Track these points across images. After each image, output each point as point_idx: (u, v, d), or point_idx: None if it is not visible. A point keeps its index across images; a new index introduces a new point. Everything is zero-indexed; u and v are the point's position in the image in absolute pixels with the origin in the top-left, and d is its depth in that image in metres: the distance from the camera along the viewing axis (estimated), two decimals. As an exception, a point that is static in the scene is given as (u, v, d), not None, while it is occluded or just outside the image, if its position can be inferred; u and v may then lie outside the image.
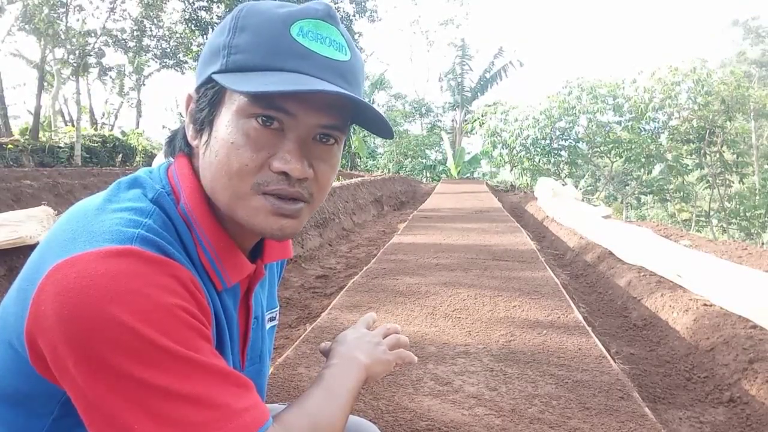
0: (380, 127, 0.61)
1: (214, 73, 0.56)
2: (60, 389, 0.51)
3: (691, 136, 14.92)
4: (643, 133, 15.49)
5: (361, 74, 0.62)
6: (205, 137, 0.58)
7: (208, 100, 0.58)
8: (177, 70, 14.93)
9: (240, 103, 0.55)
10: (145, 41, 13.56)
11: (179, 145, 0.64)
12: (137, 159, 14.30)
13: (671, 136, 15.26)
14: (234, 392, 0.51)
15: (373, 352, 0.74)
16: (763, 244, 13.14)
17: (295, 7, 0.57)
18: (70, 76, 14.04)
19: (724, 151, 15.05)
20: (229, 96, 0.56)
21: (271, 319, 0.79)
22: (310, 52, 0.55)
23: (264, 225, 0.57)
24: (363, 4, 14.90)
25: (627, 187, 16.66)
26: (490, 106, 18.92)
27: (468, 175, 20.75)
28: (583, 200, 9.60)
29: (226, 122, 0.56)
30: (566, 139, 17.07)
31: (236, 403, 0.50)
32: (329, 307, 3.01)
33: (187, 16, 12.76)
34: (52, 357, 0.48)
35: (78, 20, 12.83)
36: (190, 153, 0.63)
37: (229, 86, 0.53)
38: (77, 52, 12.07)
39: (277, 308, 0.81)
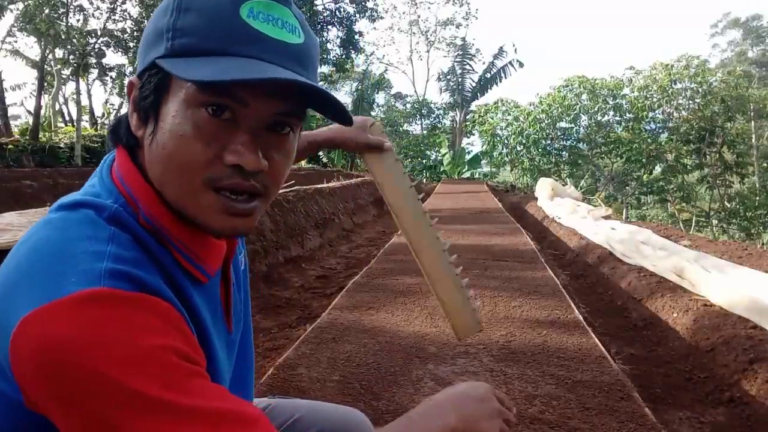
0: (338, 113, 0.58)
1: (158, 58, 0.52)
2: (54, 427, 0.48)
3: (691, 137, 14.93)
4: (644, 133, 15.50)
5: (316, 57, 0.58)
6: (150, 127, 0.54)
7: (153, 86, 0.53)
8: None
9: (188, 92, 0.51)
10: (146, 41, 13.56)
11: (123, 136, 0.58)
12: (137, 159, 14.28)
13: (671, 136, 15.27)
14: (235, 429, 0.47)
15: (471, 417, 0.68)
16: (763, 244, 13.14)
17: None
18: (70, 77, 14.04)
19: (724, 152, 15.06)
20: (177, 83, 0.52)
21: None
22: (262, 35, 0.52)
23: (215, 224, 0.54)
24: (363, 3, 14.89)
25: (627, 188, 16.66)
26: (490, 105, 18.93)
27: (466, 174, 20.74)
28: (583, 200, 9.60)
29: (173, 112, 0.52)
30: (567, 139, 17.08)
31: None
32: (329, 308, 3.01)
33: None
34: (43, 409, 0.46)
35: (78, 20, 12.83)
36: (135, 143, 0.58)
37: (176, 73, 0.49)
38: (77, 52, 12.06)
39: (242, 253, 0.76)
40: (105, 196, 0.54)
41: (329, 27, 14.85)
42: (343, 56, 15.46)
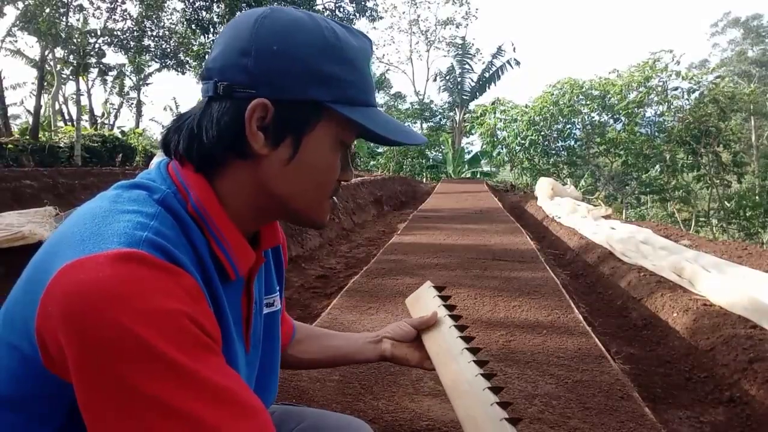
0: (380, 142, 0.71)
1: (328, 101, 0.60)
2: (67, 393, 0.50)
3: (688, 137, 14.95)
4: (640, 135, 15.54)
5: None
6: (287, 150, 0.61)
7: (302, 118, 0.61)
8: (177, 71, 14.89)
9: (344, 136, 0.64)
10: (146, 41, 13.52)
11: (217, 152, 0.61)
12: (137, 159, 14.29)
13: (667, 137, 15.30)
14: (230, 413, 0.49)
15: None
16: (763, 243, 13.14)
17: (364, 40, 0.65)
18: (70, 76, 14.04)
19: (720, 152, 15.06)
20: (329, 123, 0.62)
21: (269, 305, 0.79)
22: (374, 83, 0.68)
23: (324, 219, 0.69)
24: (363, 3, 14.88)
25: (627, 187, 16.66)
26: (488, 106, 18.94)
27: (465, 173, 20.73)
28: (583, 200, 9.60)
29: (325, 146, 0.63)
30: (564, 140, 17.11)
31: (228, 427, 0.48)
32: (329, 307, 3.01)
33: (187, 16, 12.74)
34: (59, 356, 0.48)
35: (78, 20, 12.83)
36: (229, 155, 0.61)
37: (374, 129, 0.62)
38: (77, 52, 12.06)
39: (276, 294, 0.82)
40: (159, 182, 0.61)
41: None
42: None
